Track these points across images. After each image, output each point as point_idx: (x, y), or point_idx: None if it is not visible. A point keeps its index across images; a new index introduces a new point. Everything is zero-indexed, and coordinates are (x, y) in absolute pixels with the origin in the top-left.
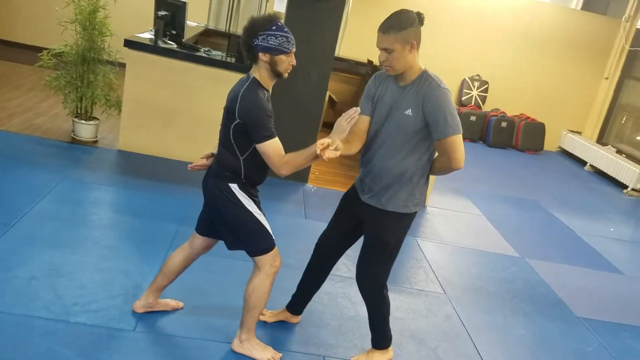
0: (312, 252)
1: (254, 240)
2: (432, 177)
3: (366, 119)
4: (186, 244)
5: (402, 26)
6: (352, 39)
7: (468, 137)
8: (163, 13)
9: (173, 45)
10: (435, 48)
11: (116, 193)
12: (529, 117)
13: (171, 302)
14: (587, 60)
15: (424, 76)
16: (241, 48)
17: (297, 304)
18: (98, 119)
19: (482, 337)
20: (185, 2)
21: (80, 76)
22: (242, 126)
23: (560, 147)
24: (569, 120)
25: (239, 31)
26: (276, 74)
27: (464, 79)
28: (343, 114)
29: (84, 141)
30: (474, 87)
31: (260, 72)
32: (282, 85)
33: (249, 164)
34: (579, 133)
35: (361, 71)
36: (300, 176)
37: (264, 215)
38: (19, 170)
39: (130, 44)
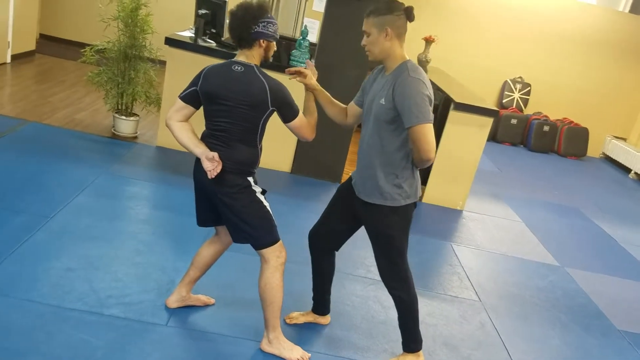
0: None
1: (262, 232)
2: (465, 179)
3: (352, 105)
4: (215, 238)
5: (379, 12)
6: None
7: (508, 141)
8: (203, 12)
9: (212, 43)
10: (477, 49)
11: (153, 188)
12: (572, 122)
13: (203, 298)
14: (633, 64)
15: (402, 66)
16: (233, 33)
17: (318, 302)
18: (138, 115)
19: (517, 347)
20: (225, 1)
21: (121, 73)
22: (271, 113)
23: (603, 154)
24: (613, 126)
25: (280, 31)
26: (266, 59)
27: (506, 80)
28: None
29: (123, 137)
30: (515, 89)
31: (255, 58)
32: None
33: (260, 149)
34: (624, 139)
35: None
36: (334, 176)
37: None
38: (59, 163)
39: (170, 41)
